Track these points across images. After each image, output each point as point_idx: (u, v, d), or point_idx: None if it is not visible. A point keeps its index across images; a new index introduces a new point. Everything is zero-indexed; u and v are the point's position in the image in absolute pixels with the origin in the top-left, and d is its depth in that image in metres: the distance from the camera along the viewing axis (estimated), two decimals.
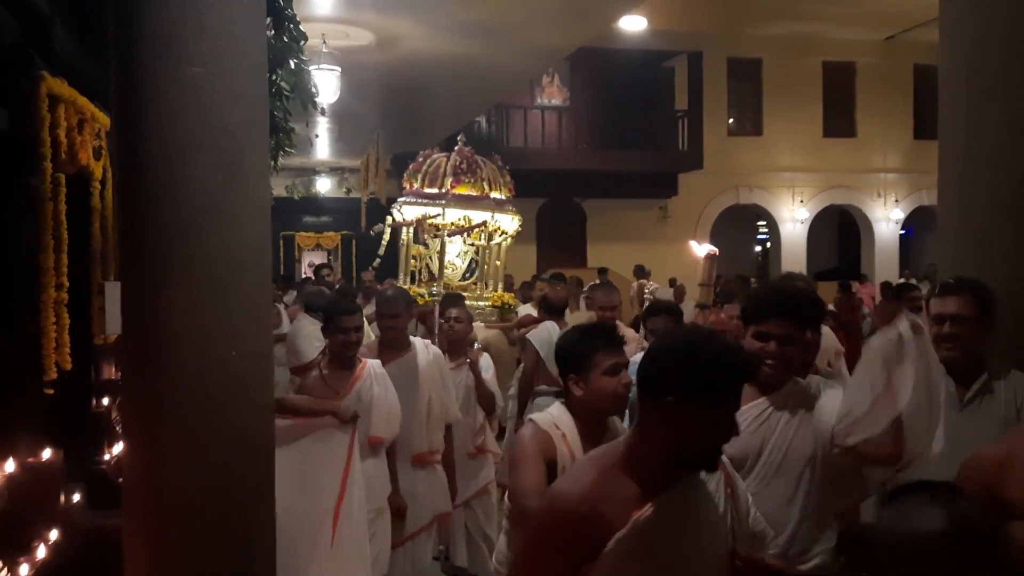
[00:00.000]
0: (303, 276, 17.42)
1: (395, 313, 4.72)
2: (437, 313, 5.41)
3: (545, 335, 5.92)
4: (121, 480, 4.97)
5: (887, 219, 21.27)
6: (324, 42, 8.30)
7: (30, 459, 3.78)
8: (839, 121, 20.87)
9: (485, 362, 5.46)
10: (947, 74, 3.89)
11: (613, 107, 18.93)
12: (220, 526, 2.93)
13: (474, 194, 7.73)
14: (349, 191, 18.68)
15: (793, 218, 20.77)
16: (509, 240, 8.26)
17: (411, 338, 4.88)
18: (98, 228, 4.98)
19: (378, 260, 8.40)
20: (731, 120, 20.68)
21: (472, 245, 8.08)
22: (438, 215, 7.53)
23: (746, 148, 20.35)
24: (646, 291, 14.46)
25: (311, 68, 6.73)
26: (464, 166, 7.71)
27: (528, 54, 9.61)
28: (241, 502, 2.97)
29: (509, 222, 8.01)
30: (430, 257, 8.11)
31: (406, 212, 7.91)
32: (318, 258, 21.87)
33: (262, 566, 3.11)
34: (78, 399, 4.87)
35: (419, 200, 7.79)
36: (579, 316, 7.71)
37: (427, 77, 10.13)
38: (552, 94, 19.40)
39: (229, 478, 2.94)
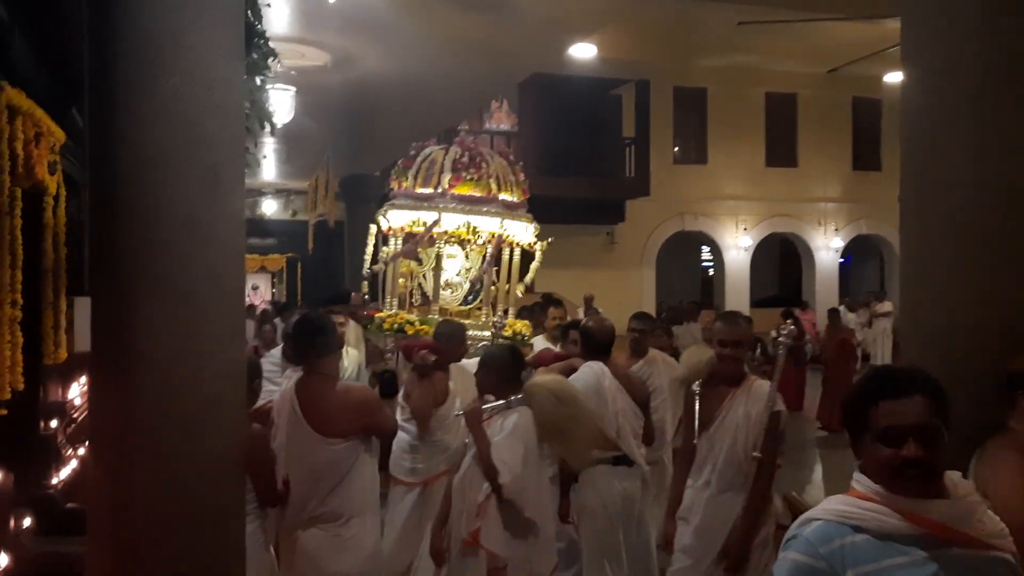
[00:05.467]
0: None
1: None
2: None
3: (593, 381, 4.59)
4: (70, 505, 4.84)
5: (827, 247, 21.77)
6: (279, 61, 8.20)
7: None
8: (781, 151, 21.35)
9: (517, 420, 3.87)
10: (909, 104, 3.96)
11: (561, 134, 19.05)
12: (191, 550, 2.83)
13: (478, 194, 6.13)
14: (295, 213, 18.47)
15: (737, 245, 21.13)
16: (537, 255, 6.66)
17: None
18: (50, 244, 4.84)
19: (369, 271, 6.65)
20: (676, 148, 20.99)
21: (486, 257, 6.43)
22: (435, 221, 6.01)
23: (691, 176, 20.67)
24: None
25: (267, 87, 6.42)
26: (465, 159, 6.13)
27: (482, 79, 9.67)
28: (213, 525, 2.88)
29: (523, 231, 6.40)
30: (423, 276, 6.51)
31: (393, 218, 6.25)
32: (262, 281, 21.58)
33: None
34: (26, 421, 4.70)
35: (410, 203, 6.17)
36: (539, 341, 6.55)
37: (381, 99, 10.11)
38: (500, 119, 19.50)
39: (201, 501, 2.85)
